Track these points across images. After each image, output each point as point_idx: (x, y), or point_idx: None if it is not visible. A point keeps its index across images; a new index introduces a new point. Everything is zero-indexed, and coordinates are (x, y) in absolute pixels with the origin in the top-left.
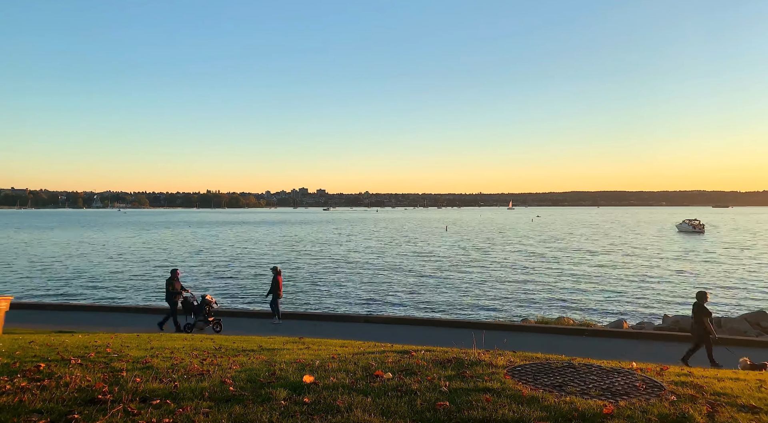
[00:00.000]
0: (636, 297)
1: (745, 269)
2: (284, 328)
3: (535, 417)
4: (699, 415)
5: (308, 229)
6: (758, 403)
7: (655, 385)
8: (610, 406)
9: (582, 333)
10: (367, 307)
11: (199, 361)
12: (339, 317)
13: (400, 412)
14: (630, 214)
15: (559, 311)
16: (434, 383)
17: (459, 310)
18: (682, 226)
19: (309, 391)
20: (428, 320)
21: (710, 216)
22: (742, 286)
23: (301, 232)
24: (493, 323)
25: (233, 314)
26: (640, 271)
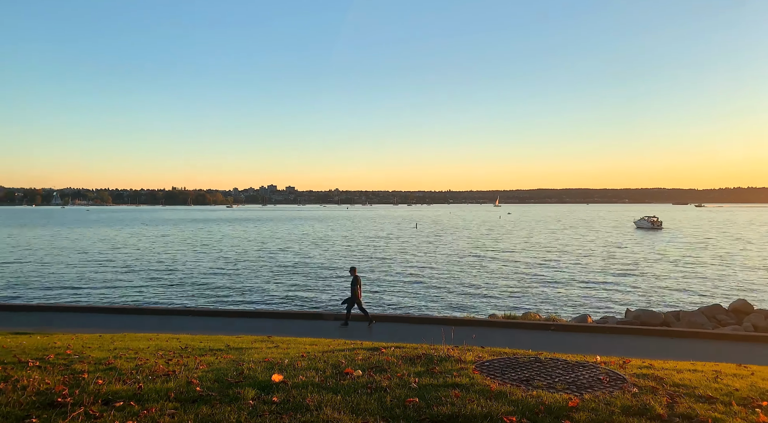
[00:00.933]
0: (599, 292)
1: (700, 264)
2: (253, 327)
3: (503, 411)
4: (659, 406)
5: (276, 227)
6: (714, 393)
7: (618, 377)
8: (575, 400)
9: (548, 328)
10: (337, 305)
11: (165, 362)
12: (308, 315)
13: (370, 410)
14: (594, 211)
15: (526, 307)
16: (404, 380)
17: (429, 306)
18: (640, 222)
19: (278, 390)
20: (398, 317)
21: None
22: (698, 280)
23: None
24: (462, 319)
25: (201, 313)
26: (603, 267)
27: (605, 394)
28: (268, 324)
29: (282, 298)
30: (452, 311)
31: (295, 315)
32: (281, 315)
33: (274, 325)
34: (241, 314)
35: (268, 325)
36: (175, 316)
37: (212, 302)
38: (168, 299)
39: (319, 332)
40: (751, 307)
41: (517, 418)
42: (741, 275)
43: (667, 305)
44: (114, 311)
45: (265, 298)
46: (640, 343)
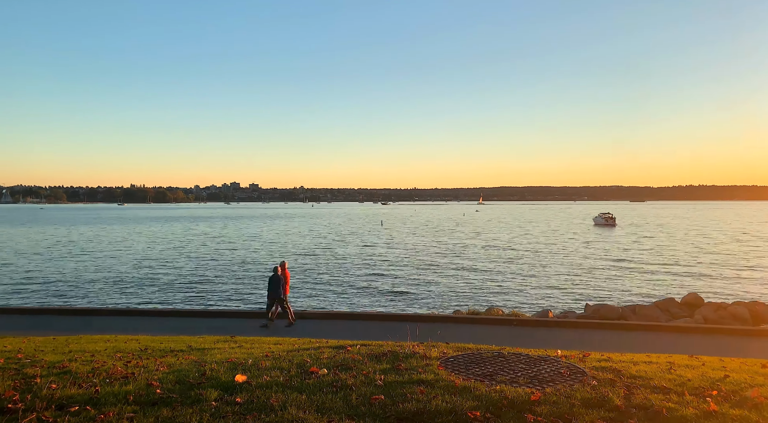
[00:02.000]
0: (560, 287)
1: (653, 259)
2: (215, 326)
3: (467, 407)
4: (617, 397)
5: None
6: (669, 384)
7: (579, 371)
8: (537, 393)
9: (511, 323)
10: (303, 303)
11: (123, 364)
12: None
13: (335, 408)
14: (554, 208)
15: (489, 302)
16: (369, 377)
17: (394, 303)
18: (597, 219)
19: (241, 391)
20: (363, 314)
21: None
22: (652, 275)
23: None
24: (427, 316)
25: (162, 314)
26: (563, 262)
27: (566, 387)
28: (231, 324)
29: (246, 298)
30: (418, 308)
31: (258, 314)
32: (245, 314)
33: (238, 324)
34: (204, 314)
35: (232, 324)
36: (135, 317)
37: (173, 302)
38: (127, 300)
39: (283, 331)
40: (702, 300)
41: (481, 413)
42: (691, 269)
43: (624, 299)
44: (69, 313)
45: (227, 298)
46: (599, 336)
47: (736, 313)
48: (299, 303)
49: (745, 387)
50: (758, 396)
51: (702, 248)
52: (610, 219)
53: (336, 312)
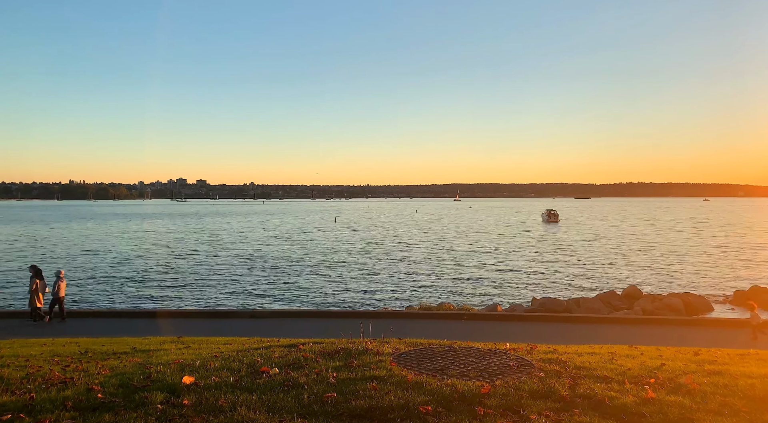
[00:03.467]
0: (508, 282)
1: (595, 253)
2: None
3: (419, 401)
4: (563, 388)
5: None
6: (610, 373)
7: (526, 363)
8: (487, 386)
9: (461, 317)
10: (252, 302)
11: (61, 369)
12: (222, 314)
13: (287, 407)
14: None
15: (441, 298)
16: (322, 375)
17: (347, 300)
18: (543, 216)
19: (189, 393)
20: (316, 312)
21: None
22: (594, 268)
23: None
24: (380, 312)
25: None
26: (510, 257)
27: (514, 379)
28: (178, 324)
29: (193, 297)
30: (371, 304)
31: (207, 314)
32: (193, 314)
33: (186, 325)
34: (149, 314)
35: (179, 325)
36: (74, 319)
37: (116, 302)
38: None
39: (233, 331)
40: (641, 293)
41: (433, 408)
42: (630, 263)
43: (569, 293)
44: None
45: (175, 298)
46: (546, 329)
47: (671, 304)
48: (251, 301)
49: (680, 374)
50: (691, 382)
51: (640, 242)
52: (554, 215)
53: (288, 310)
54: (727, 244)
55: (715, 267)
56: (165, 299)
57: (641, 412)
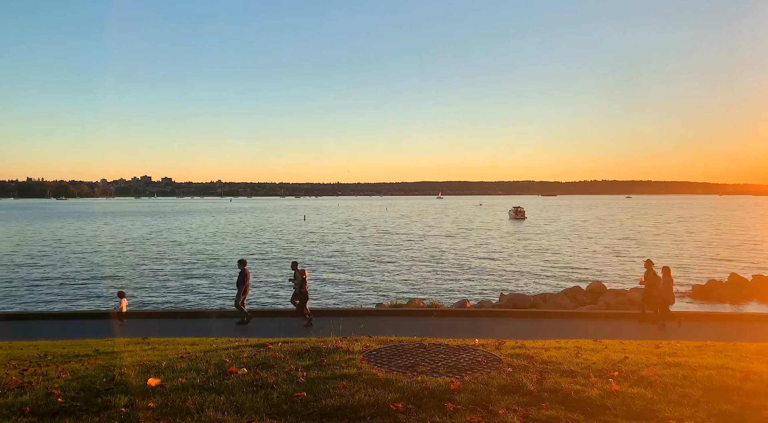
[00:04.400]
0: (476, 278)
1: (560, 250)
2: (125, 328)
3: (389, 399)
4: (530, 383)
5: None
6: (576, 367)
7: (495, 358)
8: (456, 382)
9: (431, 314)
10: (220, 302)
11: (19, 373)
12: (189, 313)
13: (255, 408)
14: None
15: (410, 295)
16: (291, 375)
17: (317, 299)
18: (510, 213)
19: (155, 395)
20: (285, 311)
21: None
22: (560, 264)
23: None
24: (350, 310)
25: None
26: (478, 254)
27: (483, 375)
28: (143, 325)
29: (158, 297)
30: (341, 303)
31: (173, 314)
32: (158, 315)
33: (151, 325)
34: (112, 315)
35: (144, 326)
36: (33, 321)
37: (78, 304)
38: (23, 302)
39: (201, 331)
40: (605, 288)
41: (403, 405)
42: (594, 259)
43: (536, 288)
44: None
45: (139, 298)
46: (514, 324)
47: (634, 298)
48: (219, 301)
49: (642, 367)
50: (653, 375)
51: (603, 238)
52: (521, 212)
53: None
54: (684, 240)
55: (676, 262)
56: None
57: (606, 404)
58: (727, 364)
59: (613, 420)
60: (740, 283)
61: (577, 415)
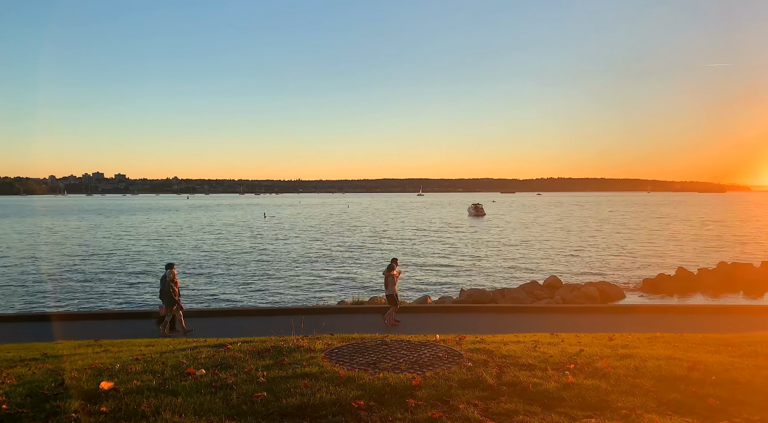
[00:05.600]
0: (437, 274)
1: (518, 246)
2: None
3: (351, 397)
4: (490, 377)
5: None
6: (534, 361)
7: (456, 353)
8: (418, 378)
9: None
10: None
11: None
12: (144, 314)
13: (214, 409)
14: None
15: (372, 291)
16: (251, 375)
17: (278, 297)
18: (469, 210)
19: (108, 399)
20: (245, 310)
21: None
22: (517, 260)
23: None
24: (312, 308)
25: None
26: (438, 251)
27: (444, 370)
28: (96, 327)
29: (112, 297)
30: (302, 301)
31: (128, 315)
32: (112, 316)
33: (104, 327)
34: (62, 317)
35: (96, 327)
36: None
37: (23, 305)
38: None
39: (157, 332)
40: (560, 282)
41: (365, 402)
42: (551, 254)
43: (495, 284)
44: None
45: (91, 298)
46: (474, 319)
47: (588, 292)
48: None
49: (597, 359)
50: (607, 366)
51: (560, 234)
52: (480, 209)
53: (215, 309)
54: (634, 236)
55: (627, 257)
56: (77, 300)
57: (562, 396)
58: (675, 354)
59: (570, 412)
60: (687, 276)
61: (535, 408)
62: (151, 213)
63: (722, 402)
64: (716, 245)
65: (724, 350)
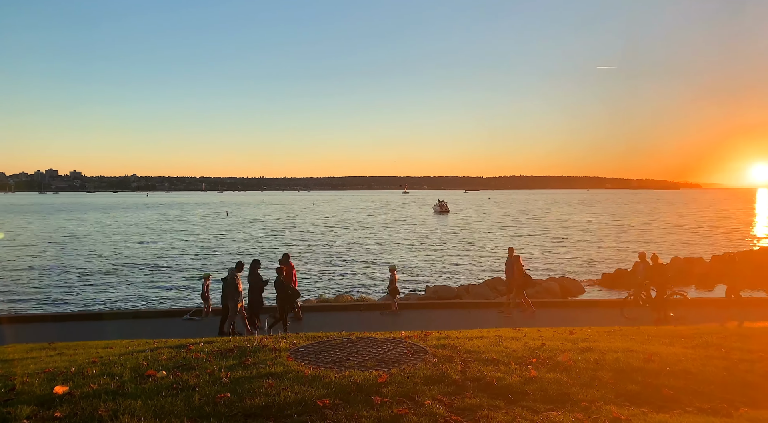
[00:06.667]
0: (402, 271)
1: (481, 242)
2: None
3: (317, 395)
4: (455, 372)
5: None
6: (498, 355)
7: (421, 350)
8: (384, 375)
9: (359, 308)
10: (137, 302)
11: None
12: (101, 315)
13: (175, 411)
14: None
15: (338, 289)
16: (214, 375)
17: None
18: (434, 207)
19: (62, 403)
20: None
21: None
22: (481, 256)
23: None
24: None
25: None
26: (403, 247)
27: (410, 366)
28: (49, 329)
29: (67, 298)
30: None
31: (84, 316)
32: (66, 317)
33: (58, 329)
34: (13, 320)
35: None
36: None
37: None
38: None
39: (115, 334)
40: None
41: (331, 400)
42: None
43: (459, 280)
44: None
45: (44, 299)
46: (439, 315)
47: (549, 287)
48: (135, 302)
49: (558, 353)
50: (568, 360)
51: (522, 231)
52: (445, 206)
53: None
54: (591, 231)
55: (586, 253)
56: (30, 301)
57: (525, 390)
58: (633, 347)
59: (532, 405)
60: None
61: (499, 402)
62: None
63: (676, 391)
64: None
65: (678, 342)
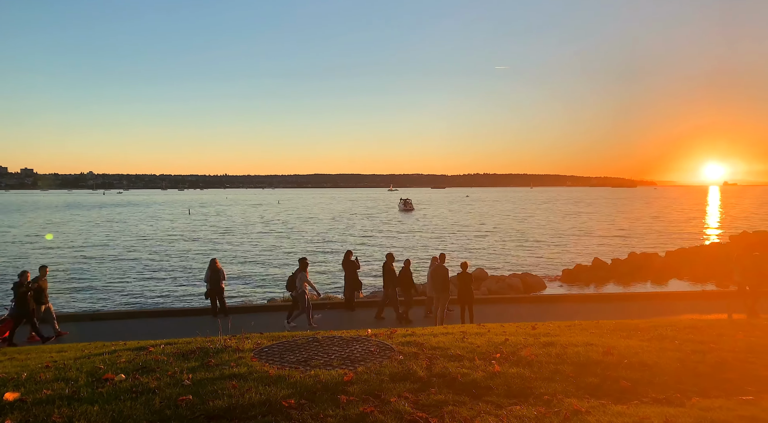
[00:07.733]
0: (368, 269)
1: (444, 239)
2: None
3: (281, 395)
4: (420, 369)
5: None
6: (462, 352)
7: (387, 347)
8: (350, 374)
9: (324, 307)
10: (92, 304)
11: None
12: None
13: (134, 416)
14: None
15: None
16: (176, 378)
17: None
18: (399, 205)
19: (14, 411)
20: (169, 311)
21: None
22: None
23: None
24: (240, 307)
25: None
26: (368, 245)
27: (376, 364)
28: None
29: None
30: (230, 299)
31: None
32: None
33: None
34: None
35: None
36: None
37: None
38: None
39: (70, 337)
40: (486, 274)
41: (296, 400)
42: (477, 247)
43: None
44: None
45: None
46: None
47: (512, 283)
48: (90, 303)
49: (521, 347)
50: (530, 355)
51: (485, 228)
52: (409, 204)
53: (136, 310)
54: (556, 227)
55: (547, 249)
56: None
57: (489, 385)
58: (592, 340)
59: (496, 400)
60: (601, 266)
61: (464, 398)
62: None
63: (633, 383)
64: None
65: (635, 335)
